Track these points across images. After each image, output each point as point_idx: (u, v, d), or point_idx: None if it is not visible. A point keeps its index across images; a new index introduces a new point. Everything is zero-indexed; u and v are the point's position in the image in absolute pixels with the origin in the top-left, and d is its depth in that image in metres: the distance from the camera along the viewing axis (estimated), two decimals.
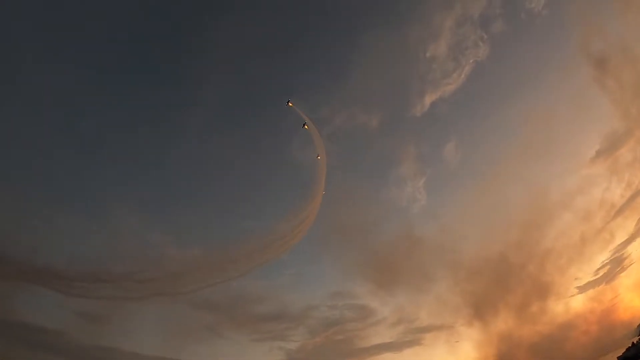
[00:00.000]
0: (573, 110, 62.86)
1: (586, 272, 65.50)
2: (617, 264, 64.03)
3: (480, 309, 64.70)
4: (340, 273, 69.85)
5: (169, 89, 62.43)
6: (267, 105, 63.00)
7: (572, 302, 64.42)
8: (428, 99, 66.59)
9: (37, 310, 52.89)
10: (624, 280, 61.08)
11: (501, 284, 63.63)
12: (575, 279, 65.56)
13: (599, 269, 65.34)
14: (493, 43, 65.18)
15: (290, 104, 49.03)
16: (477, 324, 65.16)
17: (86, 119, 60.23)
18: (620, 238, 63.59)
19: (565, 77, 63.45)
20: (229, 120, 66.86)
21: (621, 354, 50.83)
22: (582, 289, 65.26)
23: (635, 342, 50.56)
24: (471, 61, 65.76)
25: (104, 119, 61.27)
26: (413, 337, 68.44)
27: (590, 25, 59.61)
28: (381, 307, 69.70)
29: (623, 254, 63.36)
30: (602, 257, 65.12)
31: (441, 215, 69.83)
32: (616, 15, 59.81)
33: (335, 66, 66.69)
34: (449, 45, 65.04)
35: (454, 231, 65.81)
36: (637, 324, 54.53)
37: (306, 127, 50.50)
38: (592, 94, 62.13)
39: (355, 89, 66.20)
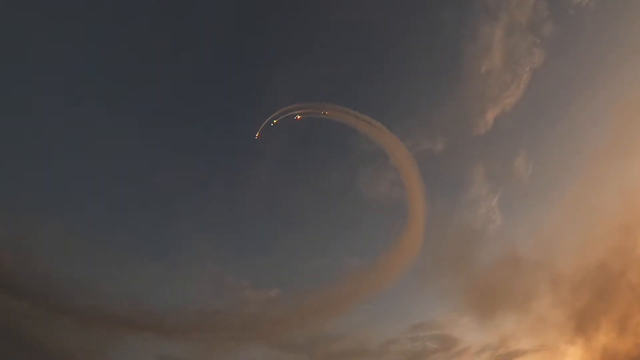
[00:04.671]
0: None
1: None
2: None
3: (579, 325, 60.26)
4: (420, 303, 66.25)
5: (237, 136, 63.83)
6: (336, 141, 63.37)
7: None
8: (490, 116, 63.59)
9: (128, 355, 56.27)
10: None
11: (602, 294, 59.18)
12: None
13: None
14: (547, 46, 62.14)
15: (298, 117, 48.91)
16: (570, 343, 60.69)
17: (161, 173, 62.72)
18: None
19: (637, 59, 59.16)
20: (299, 159, 67.34)
21: None
22: None
23: None
24: (528, 69, 62.88)
25: (178, 171, 63.34)
26: None
27: None
28: (465, 335, 65.66)
29: None
30: None
31: (520, 232, 65.81)
32: None
33: (394, 94, 65.69)
34: (503, 57, 62.58)
35: (537, 246, 62.01)
36: None
37: (299, 117, 49.34)
38: None
39: (416, 116, 64.74)
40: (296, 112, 49.60)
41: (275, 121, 49.62)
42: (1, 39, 51.02)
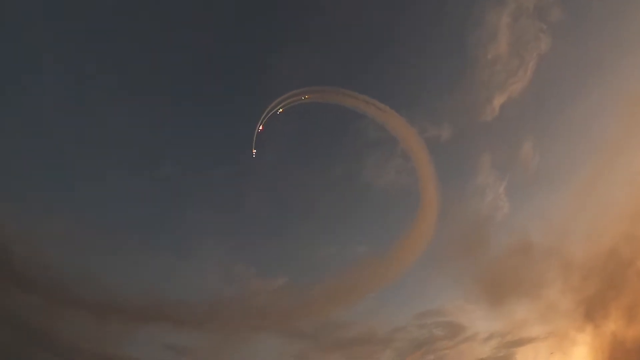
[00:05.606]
0: None
1: None
2: None
3: (588, 312, 60.11)
4: (427, 291, 66.63)
5: (243, 126, 63.23)
6: (342, 128, 63.90)
7: None
8: (497, 102, 63.08)
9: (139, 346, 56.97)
10: None
11: (611, 282, 58.91)
12: None
13: None
14: (554, 32, 61.39)
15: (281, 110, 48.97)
16: (580, 330, 60.65)
17: (166, 164, 63.71)
18: None
19: None
20: (305, 147, 68.06)
21: None
22: None
23: None
24: (534, 55, 62.19)
25: (182, 161, 64.69)
26: (507, 351, 64.15)
27: None
28: (472, 322, 65.98)
29: None
30: None
31: (527, 219, 65.37)
32: None
33: (400, 81, 65.46)
34: (509, 43, 61.98)
35: (546, 234, 61.77)
36: None
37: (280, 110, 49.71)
38: None
39: (422, 103, 64.91)
40: (278, 107, 49.85)
41: (261, 127, 50.19)
42: (2, 37, 51.50)
